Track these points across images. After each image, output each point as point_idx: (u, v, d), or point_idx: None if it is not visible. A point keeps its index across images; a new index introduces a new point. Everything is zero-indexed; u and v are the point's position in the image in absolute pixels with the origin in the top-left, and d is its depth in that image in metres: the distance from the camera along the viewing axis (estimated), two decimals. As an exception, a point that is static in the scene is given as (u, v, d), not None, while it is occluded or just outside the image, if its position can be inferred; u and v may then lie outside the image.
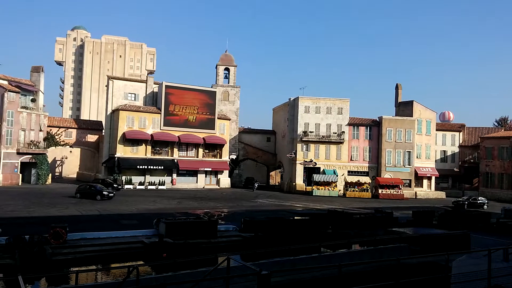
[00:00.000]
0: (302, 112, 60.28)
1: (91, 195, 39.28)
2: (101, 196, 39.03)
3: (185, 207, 36.75)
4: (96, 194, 39.20)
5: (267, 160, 69.63)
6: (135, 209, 34.08)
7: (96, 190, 39.89)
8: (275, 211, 36.67)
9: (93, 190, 40.02)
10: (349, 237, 23.38)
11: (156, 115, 57.05)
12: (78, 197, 39.66)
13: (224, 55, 69.50)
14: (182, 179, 58.43)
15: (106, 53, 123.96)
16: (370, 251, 18.55)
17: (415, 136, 61.68)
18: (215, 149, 61.19)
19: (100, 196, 39.00)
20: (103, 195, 39.23)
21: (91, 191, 39.85)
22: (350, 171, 60.58)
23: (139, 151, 55.92)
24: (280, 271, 13.48)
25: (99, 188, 40.29)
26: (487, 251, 13.46)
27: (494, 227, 28.95)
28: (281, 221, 25.46)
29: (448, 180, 70.21)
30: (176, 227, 21.60)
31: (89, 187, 41.16)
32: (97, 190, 39.87)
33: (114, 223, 26.17)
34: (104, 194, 39.38)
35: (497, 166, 63.41)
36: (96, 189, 40.01)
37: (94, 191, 39.81)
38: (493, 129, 75.59)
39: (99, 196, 39.04)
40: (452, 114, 78.04)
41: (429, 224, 28.47)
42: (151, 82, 60.28)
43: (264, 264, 13.93)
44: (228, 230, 24.63)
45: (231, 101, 67.46)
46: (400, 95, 67.03)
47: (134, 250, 19.85)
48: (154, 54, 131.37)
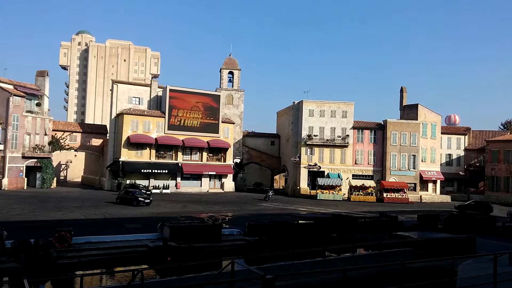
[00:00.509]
0: (306, 116, 60.24)
1: (128, 201, 38.80)
2: (137, 202, 38.37)
3: (189, 211, 36.78)
4: (133, 200, 38.65)
5: (271, 164, 69.59)
6: (139, 212, 34.14)
7: (133, 196, 39.19)
8: (280, 215, 36.60)
9: (130, 196, 39.42)
10: (354, 241, 23.28)
11: (160, 119, 57.23)
12: (118, 203, 39.41)
13: (228, 59, 69.71)
14: (186, 183, 58.49)
15: (111, 57, 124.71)
16: (375, 255, 18.47)
17: (420, 140, 61.45)
18: (219, 153, 61.24)
19: (136, 202, 38.37)
20: (139, 202, 38.47)
21: (128, 197, 39.33)
22: (354, 174, 60.40)
23: (144, 155, 56.07)
24: (285, 275, 13.45)
25: (136, 194, 39.51)
26: (493, 255, 13.38)
27: (500, 231, 28.73)
28: (285, 225, 25.41)
29: (454, 184, 69.80)
30: (180, 231, 21.62)
31: (126, 193, 40.50)
32: (134, 196, 39.14)
33: (118, 227, 26.22)
34: (140, 200, 38.59)
35: (503, 169, 63.01)
36: (133, 195, 39.30)
37: (131, 197, 39.18)
38: (499, 132, 75.15)
39: (136, 202, 38.42)
40: (458, 117, 77.78)
41: (435, 228, 28.30)
42: (155, 86, 60.51)
43: (268, 268, 13.90)
44: (233, 234, 24.63)
45: (235, 104, 67.57)
46: (405, 98, 66.85)
47: (138, 254, 19.88)
48: (158, 58, 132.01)
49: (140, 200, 38.61)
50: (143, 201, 38.71)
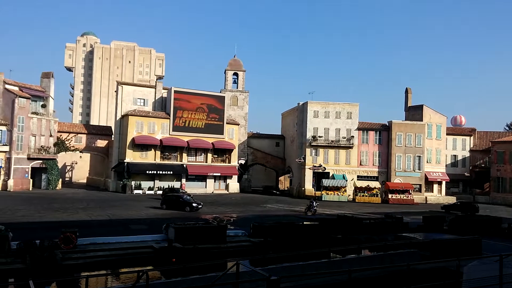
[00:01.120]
0: (311, 117, 60.20)
1: (179, 207, 36.83)
2: (190, 208, 36.32)
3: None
4: (185, 206, 36.71)
5: (276, 165, 69.57)
6: (144, 214, 34.23)
7: (184, 201, 37.25)
8: (284, 216, 36.56)
9: (181, 201, 37.42)
10: (359, 242, 23.21)
11: (165, 120, 57.38)
12: (164, 208, 37.20)
13: (233, 60, 69.82)
14: (191, 184, 58.57)
15: (116, 58, 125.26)
16: (380, 256, 18.41)
17: (425, 141, 61.20)
18: (224, 154, 61.30)
19: (189, 208, 36.33)
20: (193, 207, 36.45)
21: (179, 202, 37.34)
22: (359, 176, 60.25)
23: (148, 156, 56.24)
24: (290, 277, 13.44)
25: (188, 199, 37.64)
26: (498, 256, 13.29)
27: (506, 233, 28.56)
28: (290, 226, 25.40)
29: (459, 185, 69.45)
30: (185, 232, 21.66)
31: (176, 197, 38.36)
32: (185, 201, 37.19)
33: (123, 228, 26.31)
34: (194, 206, 36.53)
35: (508, 170, 62.63)
36: (184, 200, 37.39)
37: (182, 202, 37.21)
38: (504, 133, 74.70)
39: (188, 207, 36.37)
40: (464, 118, 77.32)
41: (440, 229, 28.19)
42: (160, 87, 60.70)
43: (273, 270, 13.89)
44: (237, 235, 24.63)
45: (239, 106, 67.64)
46: (410, 99, 66.61)
47: (143, 255, 19.93)
48: (163, 60, 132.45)
49: (193, 205, 36.52)
50: (196, 206, 36.63)
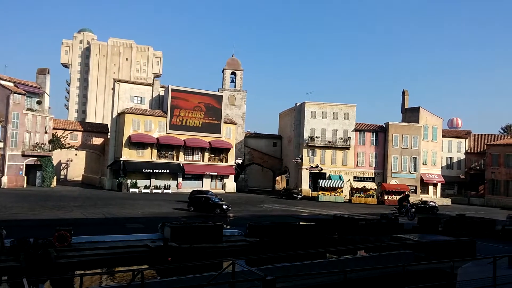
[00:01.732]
0: (308, 117, 60.28)
1: (208, 209, 35.18)
2: (220, 210, 34.90)
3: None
4: (215, 207, 35.12)
5: (273, 165, 69.60)
6: (140, 212, 34.14)
7: (214, 203, 35.63)
8: (281, 216, 36.58)
9: (211, 203, 35.73)
10: (355, 243, 23.27)
11: (162, 118, 57.28)
12: (191, 210, 35.54)
13: (231, 59, 69.79)
14: (188, 183, 58.48)
15: (113, 55, 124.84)
16: (376, 257, 18.45)
17: (421, 143, 61.47)
18: (221, 153, 61.27)
19: (219, 210, 34.89)
20: (223, 209, 35.04)
21: (208, 204, 35.62)
22: (356, 176, 60.41)
23: (145, 154, 56.11)
24: (285, 277, 13.45)
25: (217, 201, 36.12)
26: (492, 258, 13.37)
27: (500, 234, 28.70)
28: (286, 226, 25.42)
29: (454, 187, 69.83)
30: (181, 231, 21.62)
31: (205, 199, 36.50)
32: (215, 203, 35.60)
33: (119, 226, 26.21)
34: (224, 208, 35.16)
35: (503, 173, 62.97)
36: (214, 202, 35.78)
37: (212, 204, 35.58)
38: (499, 136, 75.16)
39: (218, 209, 34.89)
40: (460, 120, 77.74)
41: (435, 231, 28.28)
42: (157, 85, 60.59)
43: (269, 269, 13.89)
44: (234, 235, 24.62)
45: (237, 105, 67.63)
46: (407, 101, 66.87)
47: (139, 254, 19.88)
48: (160, 58, 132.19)
49: (224, 207, 35.19)
50: (226, 208, 35.37)
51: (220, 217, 33.03)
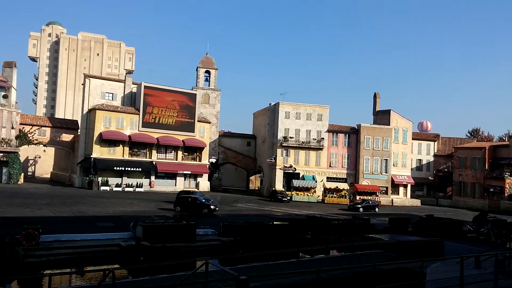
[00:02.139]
0: (282, 118, 60.62)
1: (195, 208, 34.72)
2: (208, 210, 34.57)
3: (157, 209, 36.33)
4: (202, 208, 34.74)
5: (247, 165, 69.64)
6: (112, 211, 33.49)
7: (201, 203, 35.10)
8: (255, 215, 36.65)
9: (198, 203, 35.12)
10: (328, 242, 23.55)
11: (134, 116, 56.35)
12: (178, 211, 34.79)
13: (205, 57, 69.35)
14: (161, 181, 57.79)
15: (83, 50, 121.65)
16: (348, 257, 18.72)
17: (392, 145, 62.86)
18: (194, 152, 60.82)
19: (207, 210, 34.57)
20: (211, 209, 34.74)
21: (195, 204, 35.08)
22: (329, 177, 61.18)
23: (116, 152, 55.07)
24: (259, 276, 13.46)
25: (204, 201, 35.60)
26: (459, 258, 13.79)
27: (467, 235, 29.66)
28: (260, 226, 25.45)
29: (423, 188, 71.75)
30: (153, 230, 21.33)
31: (192, 199, 35.79)
32: (202, 203, 35.09)
33: (89, 225, 25.66)
34: (212, 208, 34.87)
35: (469, 175, 65.19)
36: (201, 202, 35.23)
37: (200, 204, 35.04)
38: (466, 139, 77.76)
39: (206, 209, 34.57)
40: (430, 124, 79.93)
41: (405, 231, 28.96)
42: (129, 82, 59.54)
43: (242, 269, 13.88)
44: (207, 234, 24.49)
45: (211, 104, 67.28)
46: (378, 103, 68.26)
47: (110, 253, 19.48)
48: (133, 54, 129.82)
49: (212, 207, 34.92)
50: (214, 208, 35.09)
51: (207, 217, 32.84)
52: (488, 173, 62.73)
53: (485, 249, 20.47)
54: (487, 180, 62.71)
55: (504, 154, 62.79)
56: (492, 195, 61.90)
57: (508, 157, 61.81)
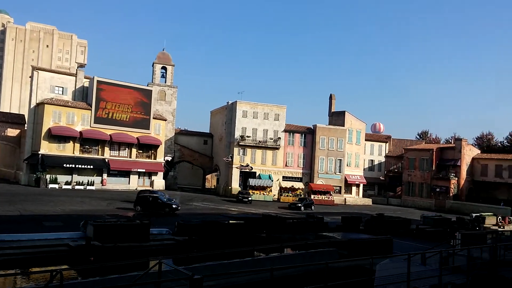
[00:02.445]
0: (240, 117, 60.64)
1: (157, 208, 33.99)
2: (169, 209, 34.09)
3: (112, 208, 35.30)
4: (164, 207, 34.23)
5: (203, 163, 69.08)
6: (61, 210, 32.15)
7: (163, 202, 34.68)
8: (211, 214, 36.43)
9: (160, 202, 34.67)
10: (282, 241, 23.82)
11: (86, 111, 54.36)
12: (138, 210, 33.93)
13: (162, 53, 67.97)
14: (113, 179, 56.14)
15: (31, 41, 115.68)
16: (301, 255, 19.02)
17: (346, 145, 64.57)
18: (149, 150, 59.56)
19: (169, 209, 34.10)
20: (173, 208, 34.30)
21: (157, 203, 34.44)
22: (285, 176, 61.90)
23: (66, 148, 52.91)
24: (213, 275, 13.37)
25: (166, 200, 35.17)
26: (407, 255, 14.36)
27: (414, 233, 31.01)
28: (215, 224, 25.34)
29: (375, 188, 74.28)
30: (105, 229, 20.68)
31: (153, 198, 35.06)
32: (164, 202, 34.69)
33: (36, 224, 24.49)
34: (174, 207, 34.47)
35: (418, 176, 68.21)
36: (163, 202, 34.78)
37: (161, 203, 34.55)
38: (416, 141, 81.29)
39: (168, 209, 34.11)
40: (382, 125, 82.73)
41: (357, 229, 29.88)
42: (81, 76, 57.36)
43: (196, 268, 13.75)
44: (161, 234, 24.06)
45: (167, 101, 66.12)
46: (334, 105, 69.90)
47: (58, 253, 18.68)
48: (85, 47, 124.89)
49: (173, 206, 34.50)
50: (176, 207, 34.67)
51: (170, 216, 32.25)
52: (435, 173, 65.89)
53: (431, 246, 21.46)
54: (434, 181, 65.87)
55: (450, 156, 66.21)
56: (438, 195, 65.10)
57: (454, 159, 65.25)
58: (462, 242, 23.00)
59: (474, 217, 41.64)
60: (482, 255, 17.77)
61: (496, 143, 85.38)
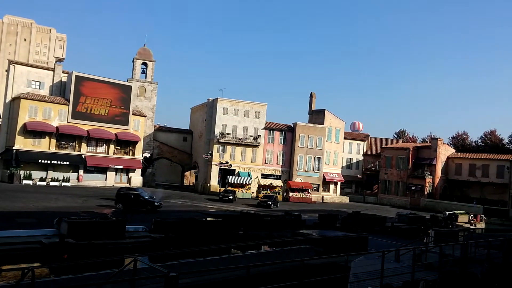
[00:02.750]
0: (220, 114, 60.48)
1: (138, 205, 33.66)
2: (151, 207, 33.93)
3: (91, 205, 34.79)
4: (146, 204, 33.98)
5: (182, 160, 68.66)
6: (34, 206, 31.49)
7: (145, 200, 34.44)
8: (188, 212, 36.27)
9: (142, 199, 34.33)
10: (259, 238, 23.92)
11: (64, 106, 53.31)
12: (119, 207, 33.40)
13: (142, 49, 67.21)
14: (90, 176, 55.23)
15: (8, 34, 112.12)
16: (278, 252, 19.16)
17: (325, 143, 65.18)
18: (127, 146, 58.81)
19: (151, 207, 33.92)
20: (155, 206, 34.15)
21: (138, 201, 34.11)
22: (264, 174, 62.08)
23: (42, 144, 51.79)
24: (189, 273, 13.35)
25: (147, 198, 35.04)
26: (381, 252, 14.64)
27: (389, 230, 31.59)
28: (193, 222, 25.24)
29: (352, 186, 75.27)
30: (80, 227, 20.35)
31: (135, 196, 34.74)
32: (146, 200, 34.49)
33: (8, 221, 23.94)
34: (156, 204, 34.39)
35: (394, 174, 69.43)
36: (145, 199, 34.52)
37: (143, 201, 34.28)
38: (393, 140, 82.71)
39: (150, 206, 33.94)
40: (361, 124, 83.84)
41: (333, 227, 30.24)
42: (59, 70, 56.26)
43: (173, 266, 13.71)
44: (138, 231, 23.80)
45: (147, 97, 65.41)
46: (314, 103, 70.39)
47: (30, 251, 18.29)
48: (64, 41, 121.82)
49: (156, 204, 34.48)
50: (158, 205, 34.63)
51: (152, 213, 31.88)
52: (411, 172, 67.21)
53: (405, 244, 21.91)
54: (410, 179, 67.20)
55: (425, 155, 67.62)
56: (413, 193, 66.45)
57: (429, 158, 66.68)
58: (435, 240, 23.61)
59: (448, 215, 42.73)
60: (454, 253, 18.26)
61: (470, 143, 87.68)
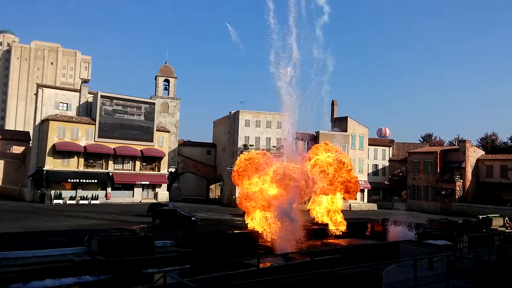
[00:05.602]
0: (242, 126, 60.71)
1: (176, 221, 33.96)
2: (188, 222, 34.10)
3: (120, 222, 35.28)
4: (183, 220, 34.31)
5: (207, 173, 69.05)
6: (65, 225, 32.17)
7: (182, 215, 34.81)
8: (215, 225, 36.31)
9: (177, 215, 34.72)
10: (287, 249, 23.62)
11: (90, 126, 54.66)
12: (157, 223, 33.69)
13: (164, 66, 68.49)
14: (118, 193, 56.21)
15: (36, 59, 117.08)
16: (307, 263, 18.86)
17: (350, 150, 64.37)
18: (153, 162, 59.66)
19: (188, 222, 34.10)
20: (192, 221, 34.42)
21: (175, 216, 34.51)
22: (288, 184, 61.54)
23: (71, 163, 53.12)
24: (218, 287, 13.31)
25: (186, 213, 35.62)
26: (413, 260, 14.23)
27: (421, 237, 30.74)
28: (220, 235, 25.22)
29: (379, 193, 73.86)
30: (109, 244, 20.60)
31: (171, 211, 35.19)
32: (183, 215, 34.84)
33: (41, 241, 24.50)
34: (193, 220, 34.71)
35: (422, 179, 67.80)
36: (181, 214, 34.92)
37: (180, 216, 34.63)
38: (419, 144, 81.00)
39: (187, 222, 34.17)
40: (388, 130, 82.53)
41: (362, 236, 29.66)
42: (85, 91, 57.82)
43: (201, 280, 13.68)
44: (166, 246, 23.92)
45: (171, 113, 66.39)
46: (336, 111, 69.87)
47: (62, 269, 18.60)
48: (89, 63, 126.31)
49: (193, 219, 34.77)
50: (195, 220, 34.93)
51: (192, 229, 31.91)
52: (439, 176, 65.50)
53: (437, 250, 21.27)
54: (439, 183, 65.46)
55: (454, 158, 65.83)
56: (444, 198, 64.62)
57: (458, 161, 64.87)
58: (469, 245, 22.79)
59: (481, 219, 41.23)
60: (490, 258, 17.59)
61: (500, 144, 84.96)
